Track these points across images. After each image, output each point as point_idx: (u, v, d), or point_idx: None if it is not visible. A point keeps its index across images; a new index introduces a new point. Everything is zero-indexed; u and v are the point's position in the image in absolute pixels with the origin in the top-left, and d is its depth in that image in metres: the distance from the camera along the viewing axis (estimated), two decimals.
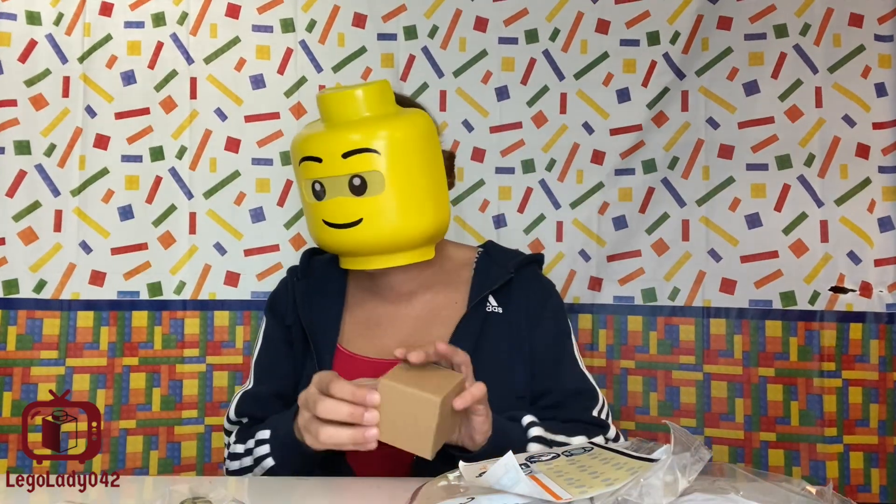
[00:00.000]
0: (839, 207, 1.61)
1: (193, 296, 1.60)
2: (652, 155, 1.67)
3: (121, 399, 1.57)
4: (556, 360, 1.09)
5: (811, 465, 1.57)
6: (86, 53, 1.60)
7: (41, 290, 1.56)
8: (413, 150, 0.99)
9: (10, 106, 1.57)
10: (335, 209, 0.99)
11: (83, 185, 1.59)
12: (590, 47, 1.67)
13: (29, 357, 1.55)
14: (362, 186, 0.97)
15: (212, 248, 1.62)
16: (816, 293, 1.60)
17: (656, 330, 1.66)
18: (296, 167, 1.03)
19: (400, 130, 0.99)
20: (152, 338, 1.59)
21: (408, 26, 1.68)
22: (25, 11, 1.58)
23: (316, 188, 1.00)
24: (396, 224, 0.99)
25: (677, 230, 1.66)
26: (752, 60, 1.65)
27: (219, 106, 1.63)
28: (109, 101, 1.61)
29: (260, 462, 0.97)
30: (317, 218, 1.02)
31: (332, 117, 1.00)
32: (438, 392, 0.80)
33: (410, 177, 0.99)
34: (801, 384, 1.59)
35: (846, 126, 1.62)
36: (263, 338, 1.17)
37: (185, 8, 1.63)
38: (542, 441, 0.94)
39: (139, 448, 1.57)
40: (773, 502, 0.63)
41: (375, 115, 0.99)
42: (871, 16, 1.63)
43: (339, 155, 0.96)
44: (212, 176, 1.63)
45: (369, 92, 0.99)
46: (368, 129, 0.97)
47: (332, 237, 1.01)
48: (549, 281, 1.18)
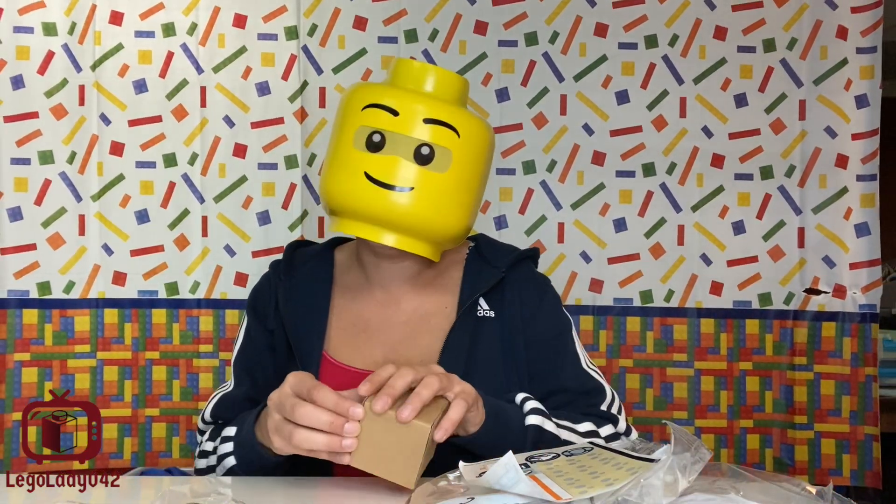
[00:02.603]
0: (816, 215, 1.70)
1: (207, 295, 1.70)
2: (651, 159, 1.69)
3: (145, 389, 1.70)
4: (556, 360, 1.05)
5: (782, 448, 1.71)
6: (98, 62, 1.67)
7: (70, 290, 1.68)
8: (482, 152, 0.99)
9: (32, 118, 1.65)
10: (389, 167, 0.93)
11: (102, 191, 1.68)
12: (588, 50, 1.67)
13: (66, 351, 1.68)
14: (430, 156, 0.94)
15: (222, 249, 1.70)
16: (791, 294, 1.70)
17: (653, 330, 1.72)
18: (349, 112, 0.97)
19: (480, 128, 0.99)
20: (171, 334, 1.70)
21: (408, 30, 1.69)
22: (42, 23, 1.65)
23: (374, 139, 0.94)
24: (440, 209, 0.96)
25: (673, 235, 1.70)
26: (743, 73, 1.68)
27: (227, 114, 1.69)
28: (123, 109, 1.68)
29: (222, 461, 0.94)
30: (357, 169, 0.95)
31: (415, 83, 0.97)
32: (427, 418, 0.76)
33: (472, 173, 0.98)
34: (775, 376, 1.71)
35: (827, 137, 1.68)
36: (244, 338, 1.11)
37: (194, 18, 1.68)
38: (540, 413, 0.91)
39: (163, 434, 1.71)
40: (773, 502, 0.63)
41: (454, 104, 0.98)
42: (855, 29, 1.65)
43: (421, 118, 0.93)
44: (221, 181, 1.70)
45: (455, 79, 0.99)
46: (457, 109, 0.96)
47: (366, 193, 0.94)
48: (543, 277, 1.13)
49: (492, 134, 1.03)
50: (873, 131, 1.67)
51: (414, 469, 0.76)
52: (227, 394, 1.07)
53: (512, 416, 0.90)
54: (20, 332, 1.66)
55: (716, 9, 1.67)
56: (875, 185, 1.68)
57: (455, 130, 0.94)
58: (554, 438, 0.91)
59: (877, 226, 1.68)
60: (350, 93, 1.00)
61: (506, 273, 1.05)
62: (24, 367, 1.66)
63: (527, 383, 1.04)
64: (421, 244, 0.98)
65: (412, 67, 0.98)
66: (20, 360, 1.66)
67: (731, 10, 1.67)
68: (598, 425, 0.98)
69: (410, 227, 0.96)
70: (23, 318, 1.66)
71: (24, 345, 1.66)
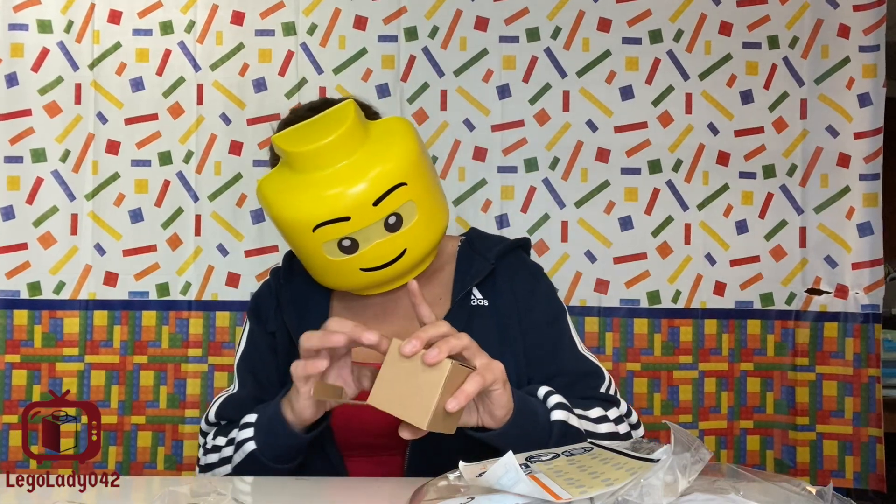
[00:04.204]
0: (818, 215, 1.68)
1: (198, 296, 1.66)
2: (657, 155, 1.65)
3: (132, 395, 1.64)
4: (554, 345, 1.05)
5: (784, 450, 1.68)
6: (96, 60, 1.65)
7: (60, 290, 1.64)
8: (423, 162, 0.96)
9: (25, 116, 1.63)
10: (374, 254, 0.94)
11: (96, 190, 1.65)
12: (592, 45, 1.65)
13: (54, 354, 1.63)
14: (398, 222, 0.93)
15: (215, 249, 1.66)
16: (793, 294, 1.68)
17: (660, 332, 1.66)
18: (300, 235, 0.93)
19: (405, 149, 0.93)
20: (160, 337, 1.65)
21: (408, 27, 1.67)
22: (37, 21, 1.64)
23: (344, 244, 0.93)
24: (433, 235, 0.98)
25: (680, 233, 1.66)
26: (749, 69, 1.67)
27: (223, 111, 1.67)
28: (119, 108, 1.66)
29: (241, 447, 0.93)
30: (351, 270, 0.96)
31: (322, 166, 0.91)
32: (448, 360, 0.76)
33: (430, 187, 0.97)
34: (776, 377, 1.68)
35: (829, 137, 1.67)
36: (247, 341, 1.13)
37: (192, 16, 1.67)
38: (565, 408, 0.90)
39: (149, 444, 1.65)
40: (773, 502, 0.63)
41: (369, 147, 0.92)
42: (857, 27, 1.64)
43: (370, 204, 0.90)
44: (216, 179, 1.67)
45: (350, 130, 0.90)
46: (380, 164, 0.90)
47: (372, 278, 0.97)
48: (535, 265, 1.13)
49: (404, 122, 0.97)
50: (876, 130, 1.66)
51: (428, 409, 0.74)
52: (232, 395, 1.07)
53: (538, 410, 0.88)
54: (11, 334, 1.62)
55: (721, 4, 1.65)
56: (878, 185, 1.66)
57: (403, 184, 0.91)
58: (577, 433, 0.89)
59: (880, 225, 1.66)
60: (276, 209, 0.93)
61: (496, 263, 1.07)
62: (14, 370, 1.62)
63: (524, 368, 1.03)
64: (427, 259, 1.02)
65: (306, 156, 0.90)
66: (11, 361, 1.62)
67: (735, 5, 1.65)
68: (606, 409, 0.97)
69: (419, 264, 1.00)
70: (13, 319, 1.62)
71: (15, 346, 1.62)
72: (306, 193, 0.91)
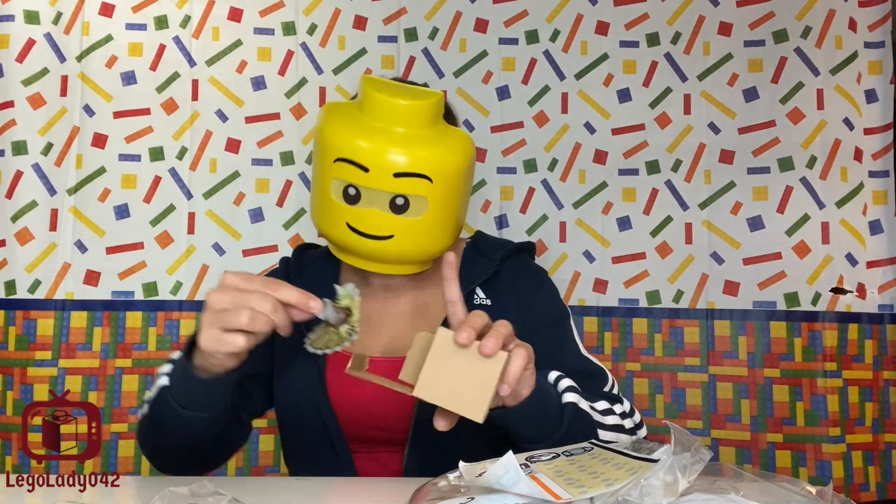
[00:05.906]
0: (839, 210, 1.61)
1: (190, 296, 1.58)
2: (655, 156, 1.67)
3: (112, 402, 1.53)
4: (557, 346, 1.05)
5: (817, 466, 1.56)
6: (84, 52, 1.60)
7: (35, 289, 1.54)
8: (460, 180, 0.96)
9: (7, 108, 1.56)
10: (367, 219, 0.94)
11: (80, 184, 1.58)
12: (590, 48, 1.68)
13: (26, 357, 1.52)
14: (404, 206, 0.93)
15: (210, 248, 1.60)
16: (818, 294, 1.59)
17: (661, 332, 1.64)
18: (324, 157, 0.94)
19: (453, 158, 0.95)
20: (146, 339, 1.56)
21: (408, 28, 1.68)
22: (23, 11, 1.58)
23: (350, 192, 0.94)
24: (426, 245, 0.97)
25: (680, 233, 1.65)
26: (752, 67, 1.66)
27: (220, 107, 1.63)
28: (108, 101, 1.60)
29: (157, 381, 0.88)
30: (339, 219, 0.96)
31: (385, 120, 0.93)
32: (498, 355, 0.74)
33: (452, 204, 0.97)
34: (805, 385, 1.58)
35: (846, 129, 1.62)
36: None
37: (187, 11, 1.64)
38: (575, 391, 0.89)
39: (131, 453, 1.53)
40: (773, 502, 0.62)
41: (428, 133, 0.94)
42: (863, 23, 1.64)
43: (391, 173, 0.91)
44: (212, 176, 1.61)
45: (428, 108, 0.93)
46: (424, 151, 0.93)
47: (353, 241, 0.96)
48: (539, 267, 1.14)
49: (471, 145, 0.99)
50: (885, 126, 1.61)
51: (485, 401, 0.73)
52: None
53: (551, 392, 0.88)
54: None
55: (719, 5, 1.67)
56: (888, 182, 1.61)
57: (427, 178, 0.92)
58: (586, 417, 0.89)
59: (891, 223, 1.61)
60: (323, 125, 0.96)
61: (500, 265, 1.08)
62: None
63: None
64: (407, 267, 1.00)
65: (380, 102, 0.93)
66: None
67: (735, 5, 1.67)
68: (611, 403, 0.98)
69: (397, 262, 0.99)
70: None
71: None
72: (353, 129, 0.93)
